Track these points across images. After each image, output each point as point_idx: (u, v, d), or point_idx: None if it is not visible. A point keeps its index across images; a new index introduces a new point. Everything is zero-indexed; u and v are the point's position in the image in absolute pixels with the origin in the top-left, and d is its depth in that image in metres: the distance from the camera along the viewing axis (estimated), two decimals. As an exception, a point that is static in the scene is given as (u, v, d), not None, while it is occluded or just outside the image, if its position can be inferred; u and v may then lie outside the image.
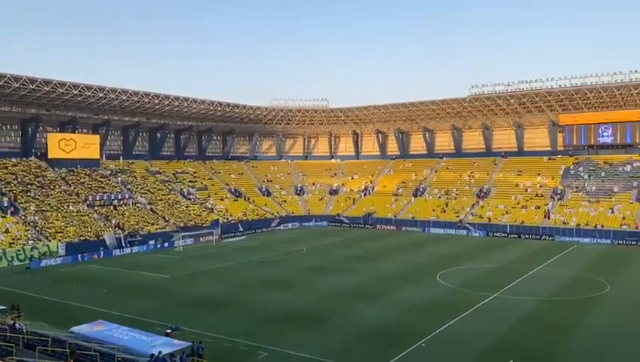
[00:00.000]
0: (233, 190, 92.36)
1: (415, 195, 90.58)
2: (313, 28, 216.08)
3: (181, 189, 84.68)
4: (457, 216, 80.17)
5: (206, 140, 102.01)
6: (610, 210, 72.09)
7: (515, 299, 37.49)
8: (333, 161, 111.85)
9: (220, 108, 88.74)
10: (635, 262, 53.11)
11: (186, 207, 79.56)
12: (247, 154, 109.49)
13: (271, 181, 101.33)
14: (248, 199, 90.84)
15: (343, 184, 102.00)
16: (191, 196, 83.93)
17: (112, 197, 72.48)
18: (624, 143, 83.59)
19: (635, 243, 64.27)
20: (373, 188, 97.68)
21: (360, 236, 74.67)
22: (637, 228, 67.03)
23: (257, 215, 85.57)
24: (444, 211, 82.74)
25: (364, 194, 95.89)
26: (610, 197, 75.51)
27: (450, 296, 38.56)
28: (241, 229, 78.06)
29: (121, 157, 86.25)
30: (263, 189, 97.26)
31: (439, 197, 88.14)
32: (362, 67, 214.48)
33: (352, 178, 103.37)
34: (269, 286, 42.43)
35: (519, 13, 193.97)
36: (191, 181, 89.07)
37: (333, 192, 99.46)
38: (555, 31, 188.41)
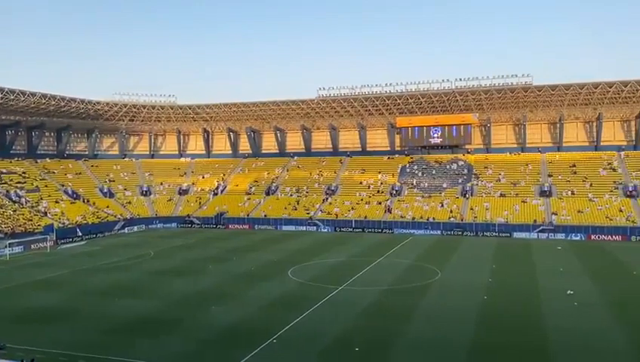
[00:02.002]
0: (70, 191, 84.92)
1: (267, 194, 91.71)
2: (162, 23, 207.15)
3: (7, 191, 75.74)
4: (308, 213, 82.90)
5: (37, 137, 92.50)
6: (440, 204, 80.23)
7: (359, 290, 39.95)
8: (182, 159, 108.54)
9: (53, 102, 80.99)
10: (460, 250, 59.89)
11: (14, 211, 71.29)
12: (86, 153, 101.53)
13: (113, 181, 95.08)
14: (88, 201, 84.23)
15: (193, 183, 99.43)
16: (20, 199, 75.41)
17: None
18: (451, 144, 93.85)
19: (460, 233, 72.47)
20: (225, 188, 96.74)
21: (212, 236, 73.55)
22: (462, 219, 75.51)
23: (99, 218, 79.73)
24: (296, 209, 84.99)
25: (216, 194, 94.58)
26: (440, 193, 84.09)
27: (300, 291, 39.82)
28: (80, 234, 72.19)
29: None
30: (105, 190, 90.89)
31: (291, 195, 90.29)
32: (213, 65, 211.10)
33: (203, 177, 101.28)
34: (113, 293, 39.81)
35: (365, 17, 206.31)
36: (19, 182, 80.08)
37: (183, 192, 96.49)
38: (396, 37, 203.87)
